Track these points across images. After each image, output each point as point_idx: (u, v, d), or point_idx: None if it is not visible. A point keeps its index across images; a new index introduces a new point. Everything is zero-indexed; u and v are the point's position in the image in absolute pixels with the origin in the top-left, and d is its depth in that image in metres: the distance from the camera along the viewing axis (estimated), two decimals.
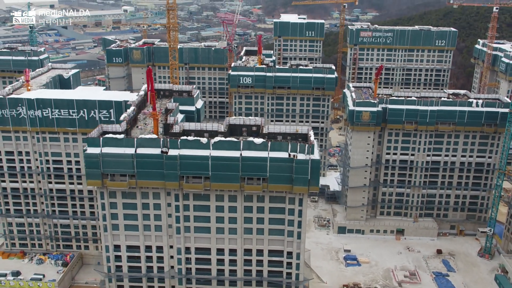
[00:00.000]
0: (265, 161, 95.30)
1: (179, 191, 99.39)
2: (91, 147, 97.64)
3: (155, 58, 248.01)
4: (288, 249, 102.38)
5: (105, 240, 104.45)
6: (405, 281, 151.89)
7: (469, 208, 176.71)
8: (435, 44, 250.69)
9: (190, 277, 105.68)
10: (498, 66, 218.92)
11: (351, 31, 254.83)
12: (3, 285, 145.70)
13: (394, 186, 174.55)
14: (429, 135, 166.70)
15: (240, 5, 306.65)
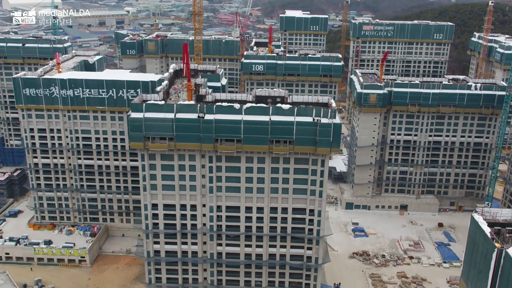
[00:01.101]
0: (291, 125, 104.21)
1: (213, 153, 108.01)
2: (135, 112, 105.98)
3: (168, 50, 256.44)
4: (311, 207, 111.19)
5: (144, 199, 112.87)
6: (410, 249, 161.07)
7: (468, 185, 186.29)
8: (433, 38, 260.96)
9: (220, 233, 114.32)
10: (494, 57, 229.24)
11: (354, 24, 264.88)
12: (37, 252, 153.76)
13: (398, 164, 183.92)
14: (431, 117, 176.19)
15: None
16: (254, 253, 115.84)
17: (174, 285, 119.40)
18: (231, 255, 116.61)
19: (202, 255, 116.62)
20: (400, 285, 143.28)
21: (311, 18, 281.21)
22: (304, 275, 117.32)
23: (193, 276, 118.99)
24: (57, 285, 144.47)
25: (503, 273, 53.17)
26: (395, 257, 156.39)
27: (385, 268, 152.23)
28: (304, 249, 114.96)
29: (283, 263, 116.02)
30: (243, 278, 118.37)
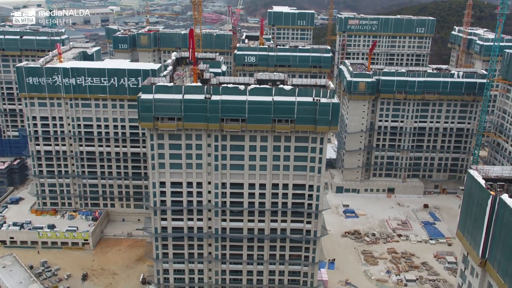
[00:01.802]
0: (293, 104, 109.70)
1: (218, 132, 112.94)
2: (145, 94, 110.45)
3: (160, 43, 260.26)
4: (310, 183, 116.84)
5: (152, 177, 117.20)
6: (398, 228, 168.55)
7: (451, 169, 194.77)
8: (415, 31, 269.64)
9: (224, 209, 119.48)
10: (473, 49, 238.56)
11: (340, 19, 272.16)
12: (41, 236, 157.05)
13: (386, 150, 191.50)
14: (416, 104, 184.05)
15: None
16: (256, 228, 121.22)
17: (180, 260, 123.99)
18: (234, 230, 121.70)
19: (207, 231, 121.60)
20: (391, 260, 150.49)
21: (298, 13, 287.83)
22: (303, 248, 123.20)
23: (198, 251, 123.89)
24: (63, 266, 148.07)
25: (497, 218, 59.63)
26: (385, 235, 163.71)
27: (376, 245, 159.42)
28: (303, 223, 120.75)
29: (284, 236, 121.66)
30: (246, 252, 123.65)
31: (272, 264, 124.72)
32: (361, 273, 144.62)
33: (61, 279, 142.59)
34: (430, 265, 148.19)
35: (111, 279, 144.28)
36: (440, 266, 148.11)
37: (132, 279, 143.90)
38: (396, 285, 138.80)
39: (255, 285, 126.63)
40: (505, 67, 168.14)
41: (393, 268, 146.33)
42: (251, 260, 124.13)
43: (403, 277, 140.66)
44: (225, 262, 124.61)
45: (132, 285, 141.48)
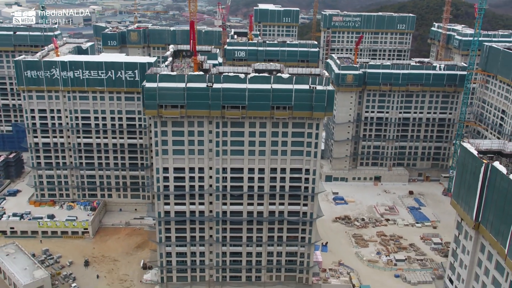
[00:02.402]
0: (290, 92, 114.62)
1: (219, 119, 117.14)
2: (149, 82, 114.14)
3: (150, 40, 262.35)
4: (306, 167, 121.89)
5: (156, 163, 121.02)
6: (386, 213, 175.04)
7: (434, 157, 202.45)
8: (396, 28, 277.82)
9: (225, 193, 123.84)
10: (452, 44, 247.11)
11: (325, 16, 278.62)
12: (42, 226, 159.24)
13: (372, 140, 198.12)
14: (400, 95, 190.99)
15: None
16: (255, 211, 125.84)
17: (182, 243, 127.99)
18: (234, 213, 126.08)
19: (209, 214, 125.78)
20: (380, 242, 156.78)
21: (283, 10, 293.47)
22: (300, 229, 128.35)
23: (200, 234, 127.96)
24: (64, 254, 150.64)
25: (489, 183, 65.41)
26: (373, 220, 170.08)
27: (365, 229, 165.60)
28: (300, 205, 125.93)
29: (282, 218, 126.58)
30: (245, 234, 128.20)
31: (270, 245, 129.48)
32: (353, 255, 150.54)
33: (63, 266, 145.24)
34: (417, 246, 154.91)
35: (112, 265, 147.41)
36: (427, 247, 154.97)
37: (133, 265, 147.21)
38: (386, 265, 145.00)
39: (254, 266, 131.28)
40: (484, 59, 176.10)
41: (383, 249, 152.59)
42: (251, 242, 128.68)
43: (392, 257, 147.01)
44: (226, 245, 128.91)
45: (133, 270, 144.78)
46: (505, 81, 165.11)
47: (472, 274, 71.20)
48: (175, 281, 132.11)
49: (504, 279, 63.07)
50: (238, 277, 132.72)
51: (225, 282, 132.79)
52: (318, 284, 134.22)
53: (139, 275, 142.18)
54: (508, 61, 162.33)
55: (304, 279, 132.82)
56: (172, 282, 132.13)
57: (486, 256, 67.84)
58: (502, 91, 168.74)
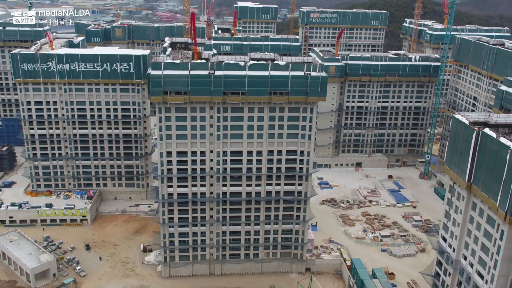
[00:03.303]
0: (287, 78, 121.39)
1: (220, 105, 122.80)
2: (154, 70, 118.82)
3: (134, 36, 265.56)
4: (301, 149, 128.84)
5: (160, 147, 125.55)
6: (369, 195, 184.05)
7: (410, 144, 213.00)
8: (370, 24, 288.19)
9: (225, 175, 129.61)
10: (423, 38, 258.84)
11: (303, 12, 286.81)
12: (40, 214, 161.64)
13: (353, 128, 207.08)
14: (379, 85, 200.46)
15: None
16: (253, 191, 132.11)
17: (184, 223, 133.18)
18: (234, 194, 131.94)
19: (210, 195, 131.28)
20: (365, 221, 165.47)
21: (262, 7, 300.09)
22: (295, 208, 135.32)
23: (201, 215, 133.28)
24: (65, 240, 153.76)
25: (481, 147, 73.44)
26: (358, 202, 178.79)
27: (351, 210, 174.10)
28: (295, 185, 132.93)
29: (278, 198, 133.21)
30: (244, 213, 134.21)
31: (267, 224, 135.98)
32: (341, 233, 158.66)
33: (65, 251, 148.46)
34: (400, 224, 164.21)
35: (113, 249, 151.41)
36: (408, 224, 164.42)
37: (133, 249, 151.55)
38: (373, 241, 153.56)
39: (252, 244, 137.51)
40: (456, 50, 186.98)
41: (368, 227, 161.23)
42: (249, 221, 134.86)
43: (378, 234, 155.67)
44: (225, 224, 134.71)
45: (134, 253, 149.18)
46: (476, 70, 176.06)
47: (464, 230, 79.40)
48: (178, 261, 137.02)
49: (495, 229, 71.31)
50: (237, 255, 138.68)
51: (225, 260, 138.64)
52: (312, 259, 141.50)
53: (140, 258, 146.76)
54: (479, 52, 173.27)
55: (299, 255, 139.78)
56: (174, 261, 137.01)
57: (478, 213, 76.04)
58: (473, 79, 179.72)
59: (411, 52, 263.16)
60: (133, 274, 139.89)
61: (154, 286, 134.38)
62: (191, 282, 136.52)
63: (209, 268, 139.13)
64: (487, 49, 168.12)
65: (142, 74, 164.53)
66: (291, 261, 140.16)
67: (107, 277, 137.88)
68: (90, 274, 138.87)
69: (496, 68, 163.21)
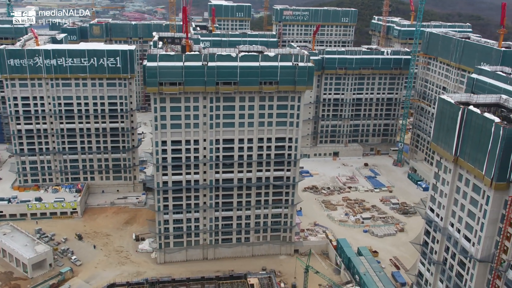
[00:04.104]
0: (276, 68, 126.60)
1: (213, 94, 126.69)
2: (150, 62, 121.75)
3: (112, 33, 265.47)
4: (289, 136, 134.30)
5: (155, 137, 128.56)
6: (348, 182, 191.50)
7: (383, 133, 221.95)
8: (341, 21, 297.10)
9: (218, 162, 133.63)
10: (392, 34, 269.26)
11: (276, 10, 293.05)
12: (31, 208, 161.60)
13: (330, 119, 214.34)
14: (354, 78, 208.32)
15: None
16: (245, 177, 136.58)
17: (179, 210, 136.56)
18: (226, 181, 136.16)
19: (203, 182, 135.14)
20: (347, 205, 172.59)
21: (236, 5, 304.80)
22: (284, 192, 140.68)
23: (195, 201, 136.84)
24: (57, 232, 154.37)
25: (466, 123, 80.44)
26: (338, 188, 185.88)
27: (332, 196, 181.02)
28: (284, 170, 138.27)
29: (268, 183, 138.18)
30: (236, 199, 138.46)
31: (258, 208, 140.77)
32: (325, 217, 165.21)
33: (59, 243, 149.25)
34: (379, 207, 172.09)
35: (106, 239, 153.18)
36: (386, 207, 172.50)
37: (126, 238, 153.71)
38: (355, 223, 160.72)
39: (243, 228, 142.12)
40: (425, 44, 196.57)
41: (350, 211, 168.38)
42: (240, 206, 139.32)
43: (359, 217, 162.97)
44: (218, 210, 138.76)
45: (127, 242, 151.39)
46: (444, 61, 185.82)
47: (451, 200, 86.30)
48: (172, 247, 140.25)
49: (481, 196, 78.33)
50: (229, 239, 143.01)
51: (218, 244, 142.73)
52: (300, 241, 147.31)
53: (134, 246, 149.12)
54: (447, 45, 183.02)
55: (288, 237, 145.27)
56: (169, 247, 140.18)
57: (464, 183, 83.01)
58: (442, 70, 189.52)
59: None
60: (128, 261, 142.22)
61: (150, 272, 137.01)
62: (185, 267, 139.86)
63: (203, 253, 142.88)
64: (455, 42, 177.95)
65: (129, 68, 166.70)
66: (280, 244, 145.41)
67: (102, 265, 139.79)
68: (85, 263, 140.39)
69: (463, 59, 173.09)
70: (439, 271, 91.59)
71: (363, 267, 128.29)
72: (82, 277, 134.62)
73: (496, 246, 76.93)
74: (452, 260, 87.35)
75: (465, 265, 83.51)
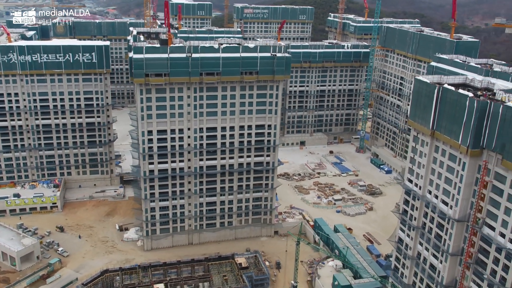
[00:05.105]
0: (256, 59, 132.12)
1: (197, 85, 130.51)
2: (136, 54, 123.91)
3: (76, 32, 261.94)
4: (269, 123, 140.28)
5: (141, 127, 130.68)
6: (316, 168, 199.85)
7: (345, 123, 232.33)
8: (298, 18, 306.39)
9: (202, 150, 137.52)
10: (348, 30, 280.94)
11: (237, 8, 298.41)
12: (9, 204, 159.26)
13: (296, 110, 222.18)
14: (318, 71, 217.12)
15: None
16: (227, 164, 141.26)
17: (165, 197, 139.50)
18: (210, 167, 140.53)
19: (188, 170, 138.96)
20: (318, 189, 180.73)
21: (197, 4, 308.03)
22: (264, 177, 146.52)
23: (180, 188, 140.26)
24: (40, 226, 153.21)
25: (441, 99, 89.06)
26: (308, 174, 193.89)
27: (303, 181, 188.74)
28: (264, 156, 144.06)
29: (249, 168, 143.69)
30: (219, 185, 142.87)
31: (240, 193, 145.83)
32: (300, 200, 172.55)
33: (43, 236, 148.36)
34: (348, 190, 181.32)
35: (90, 230, 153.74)
36: (355, 189, 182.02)
37: (109, 229, 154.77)
38: (328, 204, 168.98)
39: (226, 213, 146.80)
40: (383, 37, 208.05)
41: (322, 194, 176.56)
42: (223, 191, 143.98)
43: (331, 199, 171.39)
44: (202, 196, 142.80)
45: (111, 233, 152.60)
46: (401, 53, 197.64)
47: (429, 170, 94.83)
48: (159, 233, 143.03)
49: (457, 163, 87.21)
50: (213, 224, 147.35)
51: (202, 229, 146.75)
52: (279, 223, 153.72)
53: (118, 236, 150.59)
54: (403, 38, 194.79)
55: (268, 220, 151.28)
56: (156, 234, 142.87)
57: (440, 153, 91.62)
58: (400, 62, 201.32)
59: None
60: (115, 250, 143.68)
61: (138, 258, 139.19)
62: (172, 252, 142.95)
63: (188, 238, 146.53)
64: (411, 35, 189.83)
65: (104, 64, 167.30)
66: (261, 226, 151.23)
67: (90, 255, 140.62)
68: (73, 254, 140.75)
69: (419, 51, 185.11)
70: (419, 235, 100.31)
71: (342, 242, 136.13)
72: (71, 267, 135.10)
73: (472, 206, 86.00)
74: (431, 223, 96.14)
75: (444, 226, 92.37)
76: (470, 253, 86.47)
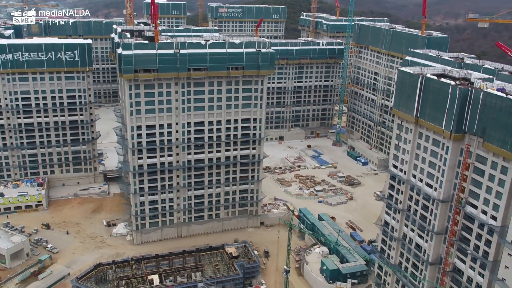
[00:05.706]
0: (242, 54, 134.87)
1: (184, 80, 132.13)
2: (125, 50, 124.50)
3: (51, 31, 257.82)
4: (254, 117, 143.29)
5: (130, 122, 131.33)
6: (296, 161, 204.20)
7: (321, 118, 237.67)
8: (272, 17, 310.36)
9: (190, 144, 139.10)
10: (320, 28, 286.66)
11: (212, 7, 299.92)
12: None
13: (274, 106, 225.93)
14: (294, 67, 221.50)
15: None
16: (214, 157, 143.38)
17: (154, 192, 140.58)
18: (198, 161, 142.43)
19: (176, 164, 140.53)
20: (299, 181, 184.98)
21: (172, 3, 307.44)
22: (250, 169, 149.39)
23: (169, 182, 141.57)
24: (26, 225, 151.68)
25: (425, 88, 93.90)
26: (288, 167, 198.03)
27: (285, 174, 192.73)
28: (249, 149, 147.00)
29: (236, 161, 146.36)
30: (207, 178, 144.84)
31: (227, 186, 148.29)
32: (283, 192, 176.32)
33: (30, 234, 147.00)
34: (328, 181, 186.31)
35: (78, 227, 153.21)
36: (334, 180, 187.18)
37: (97, 225, 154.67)
38: (310, 195, 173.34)
39: (214, 205, 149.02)
40: (357, 35, 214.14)
41: (303, 186, 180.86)
42: (211, 184, 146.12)
43: (313, 190, 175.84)
44: (191, 189, 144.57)
45: (98, 229, 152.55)
46: (375, 49, 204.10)
47: (413, 155, 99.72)
48: (148, 227, 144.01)
49: (441, 148, 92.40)
50: (201, 217, 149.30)
51: (191, 222, 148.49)
52: (265, 214, 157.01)
53: (107, 232, 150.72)
54: (376, 34, 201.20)
55: (254, 211, 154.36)
56: (145, 228, 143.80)
57: (424, 139, 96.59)
58: (373, 57, 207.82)
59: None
60: (104, 245, 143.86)
61: (128, 252, 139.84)
62: (162, 245, 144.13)
63: (177, 231, 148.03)
64: (384, 32, 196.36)
65: (87, 62, 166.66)
66: (247, 217, 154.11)
67: (80, 251, 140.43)
68: (62, 250, 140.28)
69: (392, 47, 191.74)
70: (404, 217, 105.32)
71: (327, 230, 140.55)
72: (62, 263, 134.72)
73: (455, 187, 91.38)
74: (416, 205, 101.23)
75: (428, 207, 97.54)
76: (454, 231, 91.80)
